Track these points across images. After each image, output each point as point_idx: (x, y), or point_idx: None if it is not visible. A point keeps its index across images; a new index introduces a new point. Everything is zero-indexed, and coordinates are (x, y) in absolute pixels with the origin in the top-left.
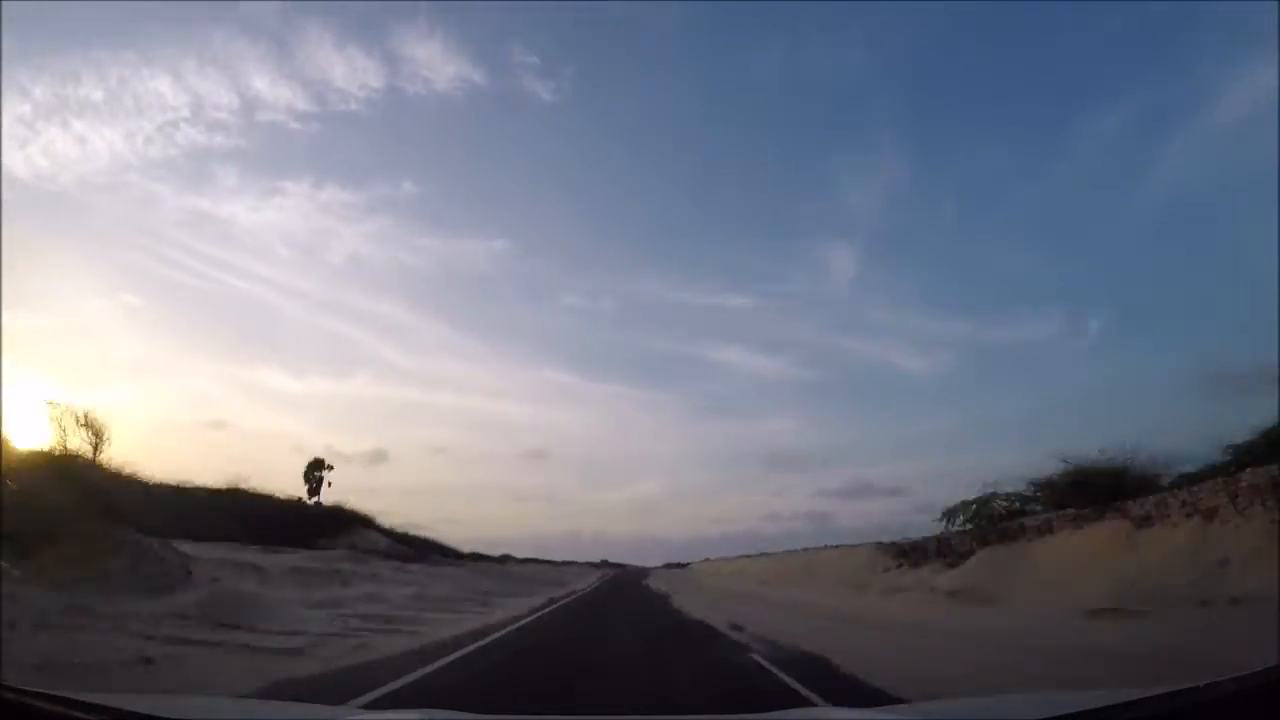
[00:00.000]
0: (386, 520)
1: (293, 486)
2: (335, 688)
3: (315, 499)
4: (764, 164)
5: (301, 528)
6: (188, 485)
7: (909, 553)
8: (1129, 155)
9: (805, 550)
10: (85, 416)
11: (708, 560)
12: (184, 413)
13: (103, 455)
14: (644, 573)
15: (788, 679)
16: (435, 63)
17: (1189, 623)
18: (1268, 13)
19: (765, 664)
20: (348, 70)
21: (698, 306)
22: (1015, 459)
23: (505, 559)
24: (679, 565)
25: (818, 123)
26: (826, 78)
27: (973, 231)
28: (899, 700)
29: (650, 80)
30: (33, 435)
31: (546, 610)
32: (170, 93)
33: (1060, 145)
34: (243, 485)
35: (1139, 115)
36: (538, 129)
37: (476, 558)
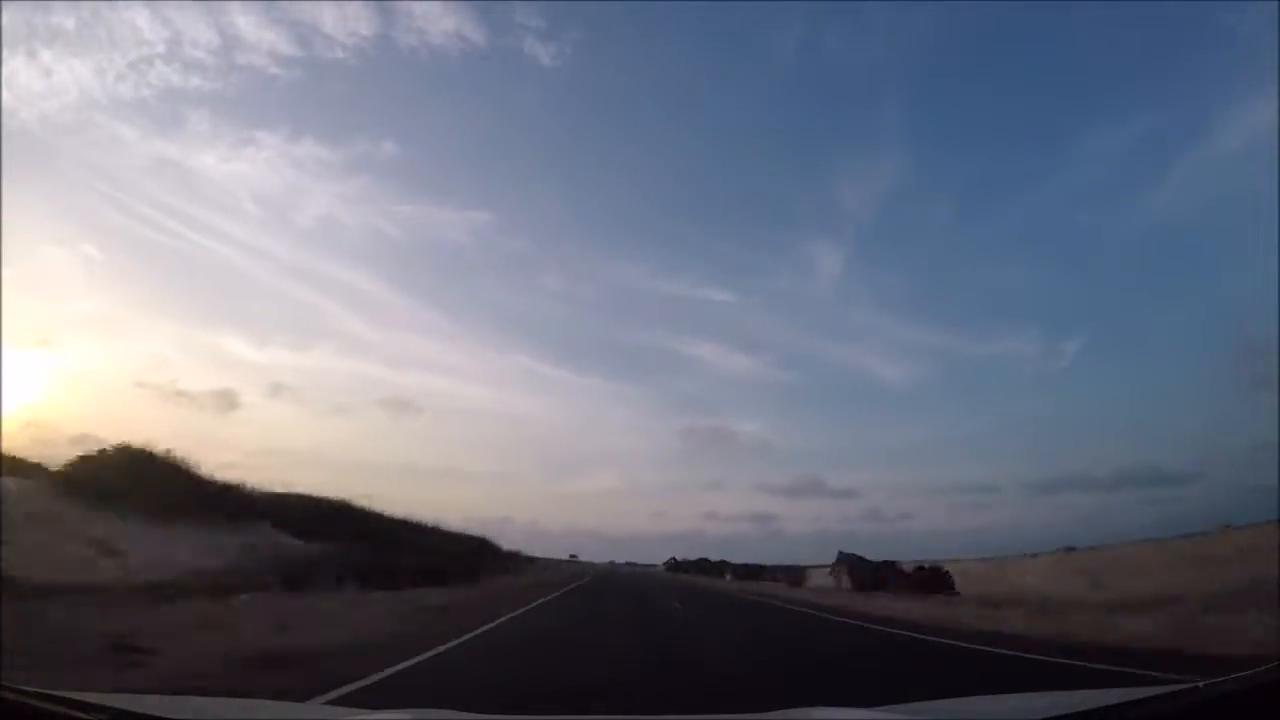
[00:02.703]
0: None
1: None
2: None
3: None
4: (763, 151)
5: None
6: None
7: None
8: (1125, 178)
9: None
10: None
11: None
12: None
13: None
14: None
15: None
16: (433, 15)
17: None
18: (1269, 46)
19: None
20: (338, 15)
21: (678, 297)
22: (975, 471)
23: None
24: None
25: (824, 111)
26: (840, 64)
27: (964, 239)
28: None
29: (657, 52)
30: None
31: None
32: (147, 26)
33: (1060, 160)
34: None
35: (1141, 138)
36: (532, 95)
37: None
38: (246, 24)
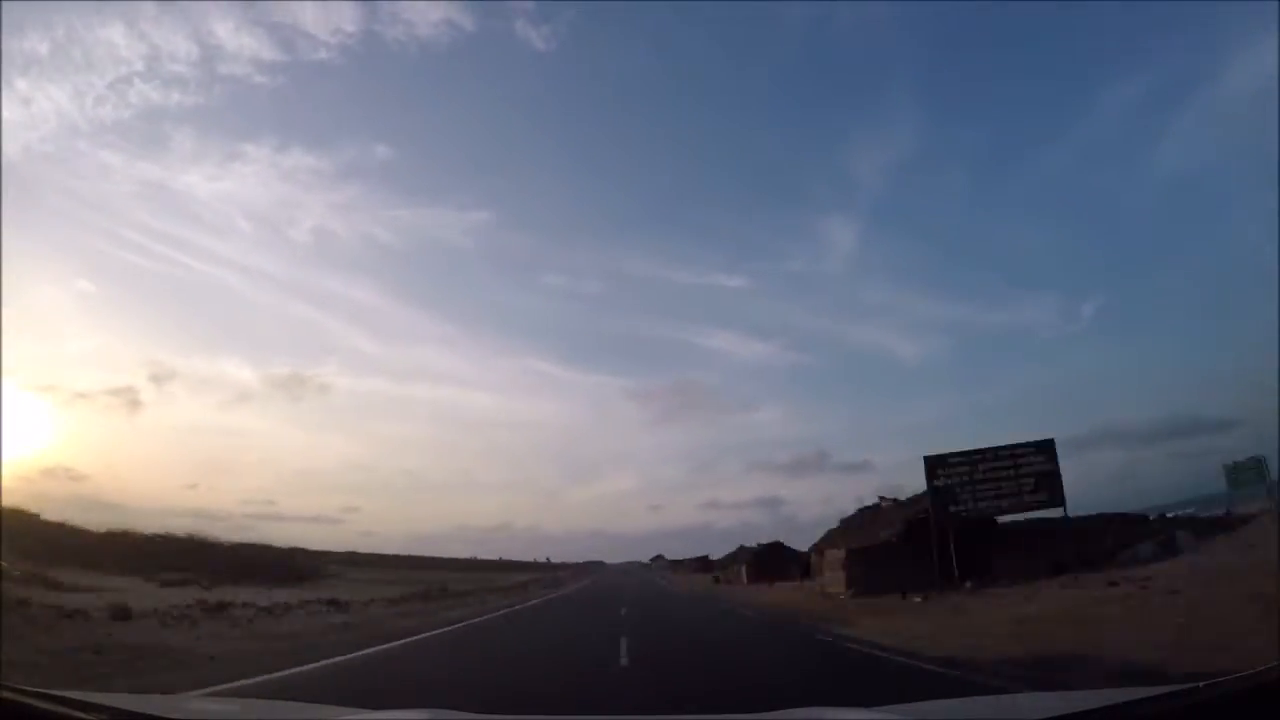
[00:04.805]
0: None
1: None
2: None
3: None
4: (772, 129)
5: None
6: None
7: None
8: (1135, 132)
9: None
10: None
11: None
12: None
13: None
14: None
15: None
16: (420, 4)
17: None
18: None
19: None
20: (320, 14)
21: (690, 286)
22: (999, 437)
23: None
24: None
25: (833, 84)
26: (848, 37)
27: (977, 207)
28: None
29: (656, 30)
30: None
31: None
32: (123, 43)
33: (1069, 121)
34: None
35: (1148, 89)
36: (526, 82)
37: None
38: (225, 31)
